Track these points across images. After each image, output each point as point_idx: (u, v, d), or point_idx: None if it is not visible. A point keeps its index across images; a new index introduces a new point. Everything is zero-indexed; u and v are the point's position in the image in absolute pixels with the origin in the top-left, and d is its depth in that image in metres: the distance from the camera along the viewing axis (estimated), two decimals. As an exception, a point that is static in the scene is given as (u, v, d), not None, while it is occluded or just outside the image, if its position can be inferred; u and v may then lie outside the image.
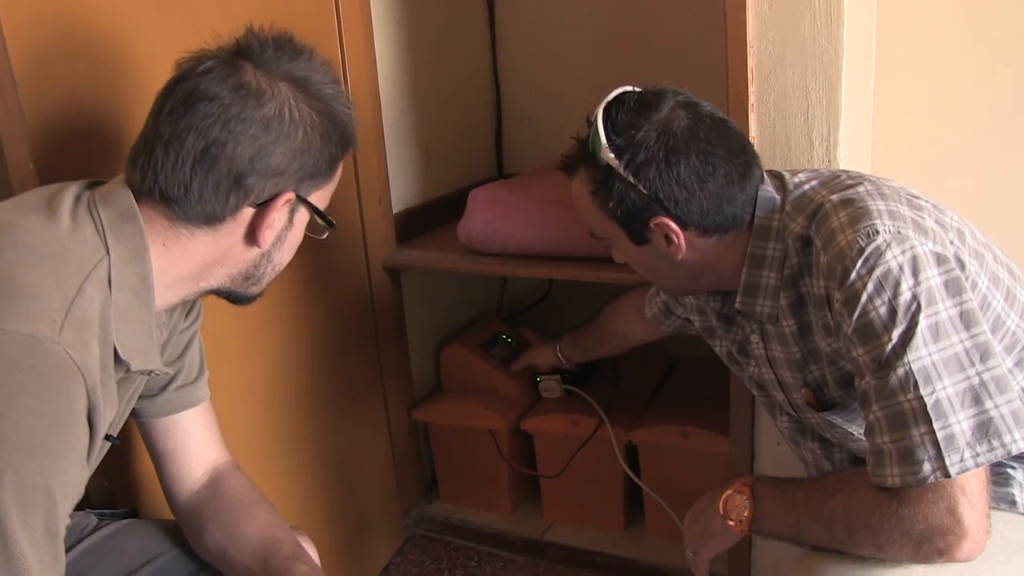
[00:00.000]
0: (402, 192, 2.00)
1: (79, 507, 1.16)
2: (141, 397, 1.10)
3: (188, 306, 1.12)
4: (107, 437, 1.00)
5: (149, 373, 0.96)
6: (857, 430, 1.15)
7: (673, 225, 1.09)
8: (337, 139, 0.98)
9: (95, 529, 1.14)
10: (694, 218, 1.09)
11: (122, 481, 1.27)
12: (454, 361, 2.07)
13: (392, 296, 1.94)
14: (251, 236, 0.96)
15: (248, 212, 0.95)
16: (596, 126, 1.09)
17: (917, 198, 1.09)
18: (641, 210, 1.09)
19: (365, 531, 1.93)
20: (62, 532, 0.82)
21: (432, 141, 2.10)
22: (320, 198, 1.01)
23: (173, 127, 0.90)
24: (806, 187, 1.13)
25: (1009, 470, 1.11)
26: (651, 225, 1.10)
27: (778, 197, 1.13)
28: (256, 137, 0.91)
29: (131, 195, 0.92)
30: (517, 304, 2.36)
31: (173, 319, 1.09)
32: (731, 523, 1.14)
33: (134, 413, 1.12)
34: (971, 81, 1.56)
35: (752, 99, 1.41)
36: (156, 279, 0.92)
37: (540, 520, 2.03)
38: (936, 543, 0.96)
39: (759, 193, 1.13)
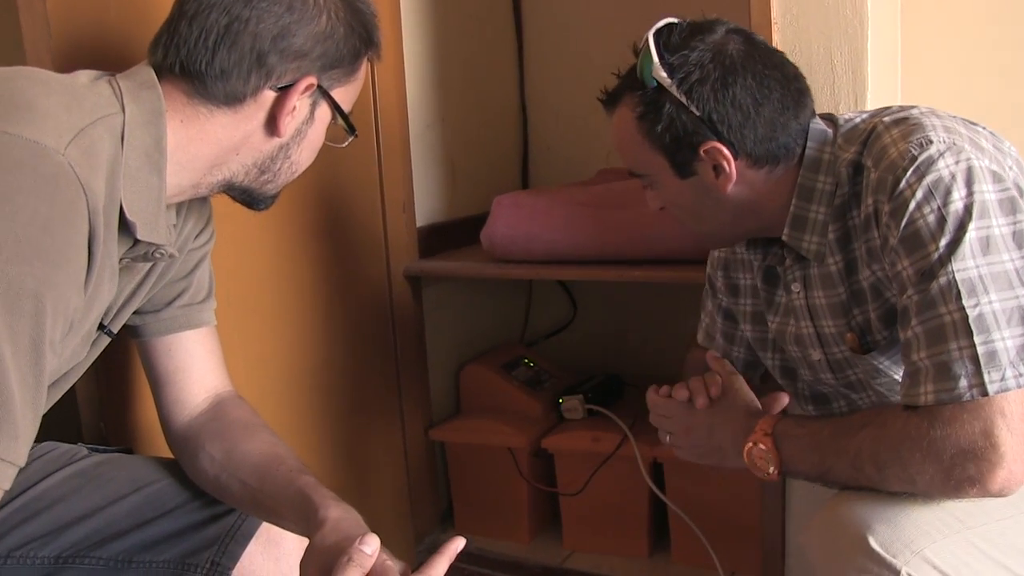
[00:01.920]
0: (426, 207, 1.99)
1: (70, 442, 1.12)
2: (144, 313, 1.07)
3: (201, 224, 1.10)
4: (101, 326, 0.97)
5: (155, 252, 0.92)
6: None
7: (725, 151, 1.04)
8: (361, 32, 0.97)
9: (85, 458, 1.09)
10: (747, 144, 1.04)
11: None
12: (474, 380, 2.02)
13: (412, 308, 1.91)
14: (271, 124, 0.95)
15: (269, 96, 0.94)
16: (647, 47, 1.05)
17: (975, 124, 1.06)
18: (692, 134, 1.04)
19: (375, 553, 1.83)
20: (49, 355, 0.76)
21: (458, 160, 2.11)
22: (343, 96, 1.00)
23: (197, 4, 0.91)
24: (857, 120, 1.09)
25: None
26: (700, 152, 1.05)
27: (830, 131, 1.09)
28: (279, 16, 0.91)
29: (152, 71, 0.92)
30: (540, 332, 2.31)
31: (184, 233, 1.06)
32: (763, 476, 1.06)
33: (135, 333, 1.08)
34: (1000, 49, 1.54)
35: (777, 74, 1.41)
36: (170, 155, 0.91)
37: (560, 548, 1.92)
38: (967, 469, 0.88)
39: (811, 126, 1.09)
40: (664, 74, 1.03)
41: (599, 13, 2.18)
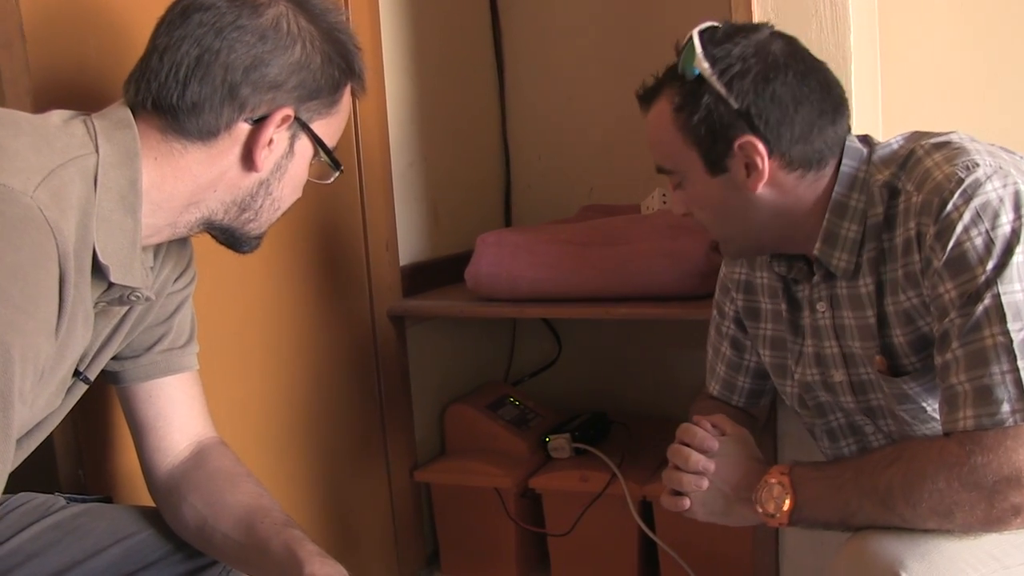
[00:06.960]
0: (409, 246, 1.97)
1: (47, 491, 1.08)
2: (123, 358, 1.04)
3: (181, 267, 1.07)
4: (77, 373, 0.94)
5: (131, 295, 0.90)
6: (932, 405, 1.06)
7: (760, 147, 1.03)
8: (340, 63, 0.95)
9: (62, 509, 1.05)
10: (783, 143, 1.03)
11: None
12: (460, 421, 1.99)
13: (396, 348, 1.88)
14: (247, 158, 0.93)
15: (244, 129, 0.92)
16: (691, 41, 1.04)
17: (1013, 152, 1.06)
18: (728, 127, 1.03)
19: (360, 600, 1.79)
20: (16, 408, 0.73)
21: (441, 199, 2.09)
22: (324, 129, 0.97)
23: (168, 37, 0.90)
24: (893, 144, 1.09)
25: None
26: (735, 147, 1.04)
27: (865, 150, 1.09)
28: (252, 46, 0.89)
29: (128, 109, 0.90)
30: (525, 371, 2.29)
31: (163, 276, 1.04)
32: (770, 518, 1.02)
33: (115, 379, 1.05)
34: (978, 76, 1.57)
35: (762, 109, 1.41)
36: (145, 195, 0.88)
37: (549, 591, 1.88)
38: (1011, 498, 0.86)
39: (847, 143, 1.08)
40: (706, 65, 1.03)
41: (580, 52, 2.19)
